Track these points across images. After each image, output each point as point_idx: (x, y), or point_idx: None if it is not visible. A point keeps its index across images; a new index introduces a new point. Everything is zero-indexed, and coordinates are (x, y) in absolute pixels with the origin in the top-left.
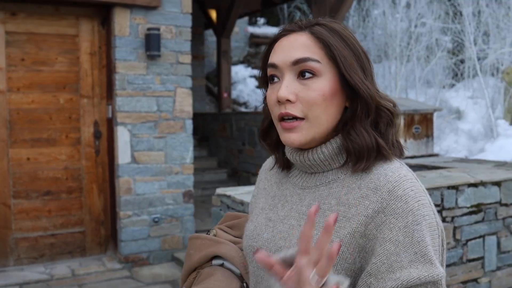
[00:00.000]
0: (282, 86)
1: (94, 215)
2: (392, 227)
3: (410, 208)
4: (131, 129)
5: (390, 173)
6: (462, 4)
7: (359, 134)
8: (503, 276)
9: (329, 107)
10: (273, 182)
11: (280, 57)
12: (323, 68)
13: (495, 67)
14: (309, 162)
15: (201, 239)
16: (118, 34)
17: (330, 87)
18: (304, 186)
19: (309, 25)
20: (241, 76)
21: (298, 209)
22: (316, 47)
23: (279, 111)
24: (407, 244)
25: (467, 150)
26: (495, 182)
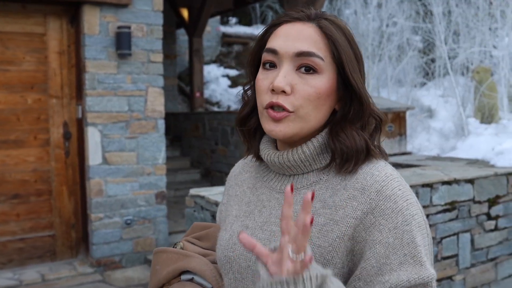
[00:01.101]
0: (279, 75)
1: (64, 218)
2: (381, 228)
3: (400, 208)
4: (102, 129)
5: (377, 172)
6: (433, 4)
7: (349, 136)
8: (477, 273)
9: (320, 106)
10: (245, 188)
11: (283, 44)
12: (325, 66)
13: (465, 66)
14: (289, 163)
15: (167, 253)
16: (87, 33)
17: (327, 87)
18: (283, 189)
19: (316, 17)
20: (214, 75)
21: (278, 214)
22: (322, 43)
23: (270, 99)
24: (397, 246)
25: (439, 148)
26: (468, 180)
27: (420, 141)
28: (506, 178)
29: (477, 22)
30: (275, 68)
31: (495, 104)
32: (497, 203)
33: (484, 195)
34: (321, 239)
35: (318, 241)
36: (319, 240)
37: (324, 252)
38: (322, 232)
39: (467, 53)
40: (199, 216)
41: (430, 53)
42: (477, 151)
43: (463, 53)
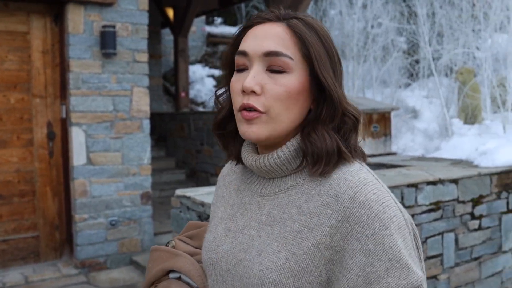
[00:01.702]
0: (249, 76)
1: (48, 219)
2: (359, 236)
3: (375, 214)
4: (87, 129)
5: (350, 177)
6: (417, 5)
7: (320, 137)
8: (461, 273)
9: (292, 106)
10: (231, 189)
11: (252, 45)
12: (294, 65)
13: (449, 68)
14: (266, 168)
15: (160, 251)
16: (72, 32)
17: (297, 85)
18: (263, 193)
19: (287, 17)
20: (199, 75)
21: (258, 218)
22: (291, 41)
23: (242, 101)
24: (379, 252)
25: (423, 149)
26: (453, 180)
27: (404, 141)
28: (490, 178)
29: (461, 23)
30: (247, 70)
31: (478, 105)
32: (480, 203)
33: (468, 195)
34: (296, 247)
35: (293, 248)
36: (293, 247)
37: (299, 260)
38: (296, 239)
39: (450, 55)
40: (185, 217)
41: (415, 54)
42: (461, 151)
43: (447, 54)
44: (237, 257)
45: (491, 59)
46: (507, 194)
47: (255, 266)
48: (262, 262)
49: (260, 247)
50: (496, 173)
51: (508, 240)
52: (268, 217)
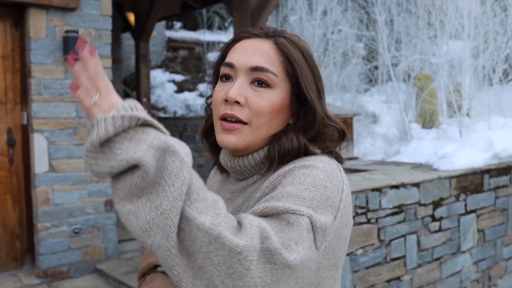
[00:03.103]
0: (234, 87)
1: (8, 228)
2: (295, 173)
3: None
4: (49, 136)
5: (307, 158)
6: (376, 12)
7: (288, 140)
8: (423, 273)
9: (273, 120)
10: (214, 190)
11: (240, 58)
12: (278, 82)
13: (407, 73)
14: (240, 168)
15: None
16: (33, 36)
17: (280, 101)
18: (233, 189)
19: (274, 34)
20: (159, 80)
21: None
22: (277, 59)
23: (224, 110)
24: (297, 183)
25: (384, 153)
26: (415, 184)
27: (365, 146)
28: (449, 181)
29: (418, 31)
30: (231, 80)
31: (435, 110)
32: (440, 205)
33: (429, 198)
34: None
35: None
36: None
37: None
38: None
39: (408, 61)
40: None
41: (373, 60)
42: (420, 155)
43: (405, 60)
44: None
45: (447, 65)
46: (465, 196)
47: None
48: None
49: None
50: (455, 176)
51: (466, 241)
52: (235, 208)
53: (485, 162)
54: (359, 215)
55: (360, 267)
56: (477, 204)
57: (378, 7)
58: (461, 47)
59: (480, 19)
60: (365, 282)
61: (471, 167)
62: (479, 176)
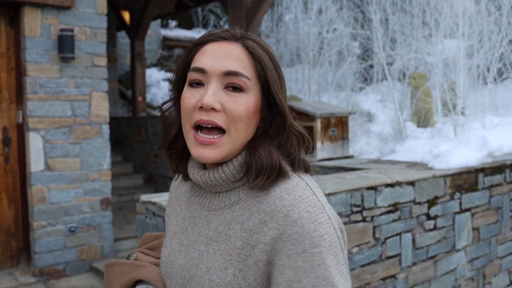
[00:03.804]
0: (208, 93)
1: (4, 227)
2: (290, 253)
3: (307, 232)
4: (44, 134)
5: (286, 195)
6: (371, 11)
7: (266, 152)
8: (418, 271)
9: (249, 124)
10: (182, 202)
11: (211, 63)
12: (251, 86)
13: (402, 73)
14: (211, 182)
15: (121, 264)
16: (28, 35)
17: (254, 105)
18: (210, 207)
19: (241, 37)
20: (155, 79)
21: (206, 233)
22: (248, 63)
23: (199, 117)
24: (307, 269)
25: (379, 151)
26: (410, 182)
27: (360, 144)
28: (444, 179)
29: (412, 30)
30: (202, 86)
31: (430, 109)
32: (435, 204)
33: (424, 196)
34: (241, 263)
35: (239, 265)
36: (239, 264)
37: (246, 276)
38: (241, 256)
39: (403, 60)
40: (150, 223)
41: (369, 59)
42: (415, 153)
43: (400, 59)
44: (190, 272)
45: (441, 64)
46: (460, 194)
47: (206, 282)
48: (211, 279)
49: (208, 263)
50: (449, 175)
51: (461, 239)
52: (215, 232)
53: (479, 161)
54: (355, 213)
55: (356, 265)
56: (472, 203)
57: (373, 6)
58: (455, 46)
59: (475, 18)
60: (360, 280)
61: (466, 166)
62: (473, 174)
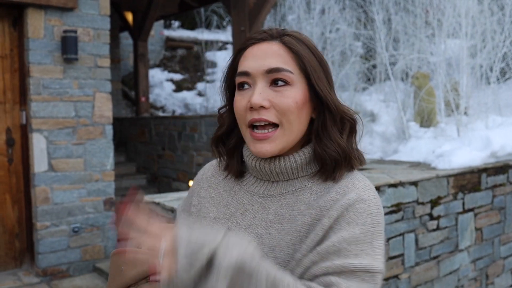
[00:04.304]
0: (255, 93)
1: (7, 228)
2: (350, 221)
3: (371, 211)
4: (48, 135)
5: (357, 182)
6: (374, 11)
7: (334, 144)
8: (421, 272)
9: (300, 115)
10: (221, 191)
11: (253, 65)
12: (295, 78)
13: (405, 72)
14: (279, 170)
15: (134, 253)
16: (31, 36)
17: (301, 96)
18: (266, 194)
19: (278, 35)
20: (158, 79)
21: (264, 217)
22: (289, 57)
23: (251, 117)
24: (360, 240)
25: (382, 151)
26: (413, 182)
27: (363, 144)
28: (447, 179)
29: (415, 29)
30: (249, 88)
31: (433, 109)
32: (438, 204)
33: (427, 197)
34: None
35: (306, 240)
36: (307, 239)
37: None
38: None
39: (406, 60)
40: None
41: (372, 59)
42: (418, 153)
43: (403, 59)
44: None
45: (444, 64)
46: (463, 195)
47: (270, 260)
48: (277, 256)
49: (271, 243)
50: (452, 175)
51: (464, 239)
52: (276, 216)
53: (482, 160)
54: None
55: None
56: (475, 203)
57: (376, 6)
58: (458, 46)
59: (478, 18)
60: None
61: (469, 166)
62: (476, 175)
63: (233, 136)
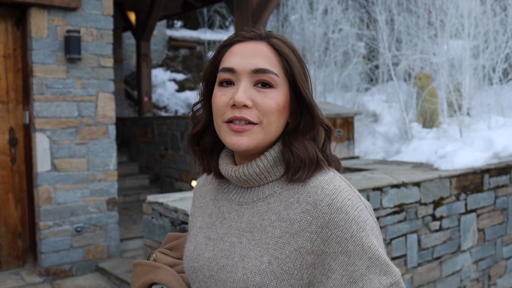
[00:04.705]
0: (239, 91)
1: (10, 227)
2: (339, 240)
3: (352, 218)
4: (51, 135)
5: (326, 185)
6: (376, 12)
7: (301, 147)
8: (423, 272)
9: (280, 118)
10: (208, 199)
11: (239, 62)
12: (279, 81)
13: (407, 73)
14: (245, 177)
15: (142, 265)
16: (35, 36)
17: (283, 100)
18: (241, 201)
19: (266, 36)
20: (160, 79)
21: (238, 225)
22: (275, 60)
23: (232, 114)
24: (359, 252)
25: (384, 152)
26: (415, 183)
27: (366, 145)
28: (449, 180)
29: (418, 30)
30: (232, 85)
31: (436, 109)
32: (441, 205)
33: (429, 197)
34: (278, 251)
35: (275, 253)
36: (276, 252)
37: (281, 263)
38: (278, 244)
39: (409, 60)
40: (157, 223)
41: (374, 59)
42: (421, 154)
43: (405, 60)
44: (219, 263)
45: (447, 64)
46: (465, 195)
47: (239, 270)
48: (245, 267)
49: (242, 253)
50: (455, 176)
51: (467, 240)
52: (248, 224)
53: (485, 161)
54: None
55: None
56: (477, 204)
57: (379, 6)
58: (461, 47)
59: (480, 19)
60: None
61: (471, 167)
62: (479, 175)
63: (209, 133)
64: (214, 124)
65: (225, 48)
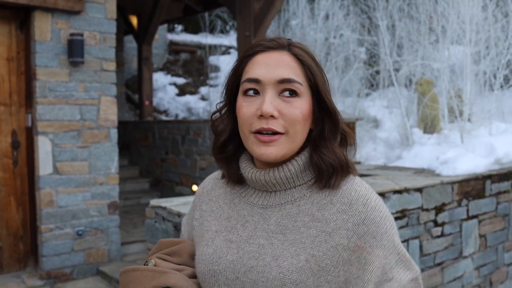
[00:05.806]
0: (266, 102)
1: (12, 230)
2: (375, 235)
3: (385, 215)
4: (53, 138)
5: (358, 188)
6: (378, 17)
7: (331, 153)
8: (425, 278)
9: (304, 126)
10: (222, 203)
11: (264, 73)
12: (304, 90)
13: (408, 79)
14: (275, 181)
15: (141, 270)
16: (38, 39)
17: (308, 108)
18: (266, 204)
19: (287, 45)
20: (161, 83)
21: (265, 228)
22: (299, 69)
23: (259, 125)
24: (390, 247)
25: (385, 157)
26: (417, 189)
27: (367, 150)
28: (451, 186)
29: (419, 36)
30: (258, 95)
31: (437, 115)
32: (443, 210)
33: (431, 203)
34: (315, 249)
35: (312, 251)
36: (312, 250)
37: (319, 260)
38: (315, 243)
39: (410, 66)
40: (160, 227)
41: (375, 65)
42: (422, 160)
43: (406, 65)
44: (246, 265)
45: (448, 70)
46: (467, 201)
47: (273, 269)
48: (280, 265)
49: (274, 253)
50: (457, 182)
51: (468, 246)
52: (278, 226)
53: (486, 167)
54: None
55: None
56: (479, 210)
57: (380, 12)
58: (462, 53)
59: (482, 25)
60: None
61: (473, 173)
62: (480, 181)
63: (232, 142)
64: (240, 133)
65: (247, 58)
